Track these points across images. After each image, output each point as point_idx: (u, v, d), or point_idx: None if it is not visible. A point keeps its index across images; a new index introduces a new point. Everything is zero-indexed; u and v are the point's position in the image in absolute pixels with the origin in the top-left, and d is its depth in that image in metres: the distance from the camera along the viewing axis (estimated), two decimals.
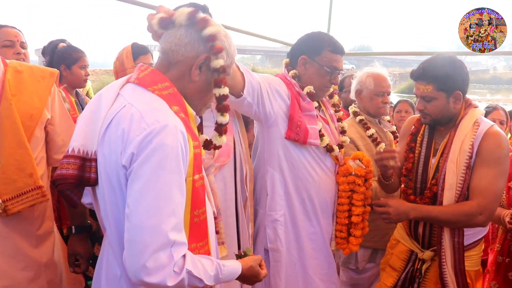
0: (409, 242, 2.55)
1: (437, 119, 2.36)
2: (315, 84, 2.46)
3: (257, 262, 1.69)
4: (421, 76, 2.31)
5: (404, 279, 2.53)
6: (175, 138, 1.33)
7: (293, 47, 2.55)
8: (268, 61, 66.97)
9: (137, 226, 1.28)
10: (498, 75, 59.76)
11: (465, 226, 2.28)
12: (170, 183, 1.30)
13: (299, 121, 2.37)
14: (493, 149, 2.21)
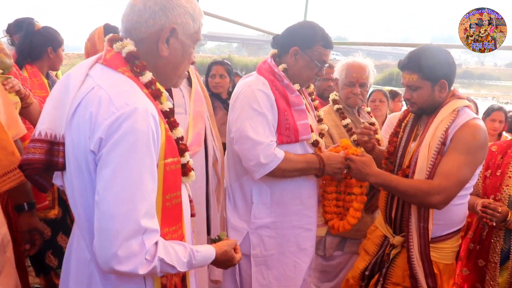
0: (383, 228, 2.60)
1: (423, 108, 2.38)
2: (303, 76, 2.45)
3: (232, 246, 1.67)
4: (406, 65, 2.35)
5: (374, 264, 2.58)
6: (146, 122, 1.28)
7: (283, 36, 2.48)
8: (244, 49, 66.84)
9: (107, 213, 1.24)
10: (470, 70, 60.92)
11: (421, 203, 2.27)
12: (140, 169, 1.26)
13: (287, 123, 2.35)
14: (467, 137, 2.22)
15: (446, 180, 2.19)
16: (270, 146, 2.25)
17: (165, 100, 1.49)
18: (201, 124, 2.22)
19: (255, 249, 2.48)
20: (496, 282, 2.57)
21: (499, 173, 2.62)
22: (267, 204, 2.45)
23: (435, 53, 2.32)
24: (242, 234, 2.48)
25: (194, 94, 2.27)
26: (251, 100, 2.31)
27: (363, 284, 2.62)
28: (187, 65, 1.56)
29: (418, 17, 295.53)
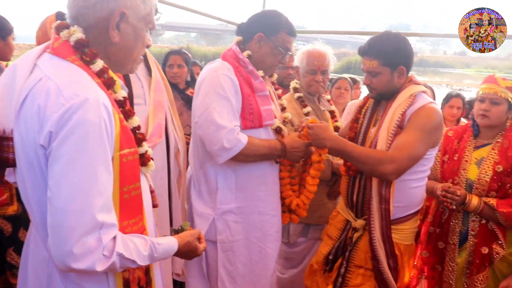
0: (345, 212, 2.66)
1: (382, 93, 2.45)
2: (267, 63, 2.47)
3: (195, 236, 1.64)
4: (367, 52, 2.40)
5: (338, 248, 2.62)
6: (97, 113, 1.22)
7: (248, 23, 2.50)
8: (203, 39, 66.26)
9: (60, 209, 1.19)
10: (425, 58, 62.48)
11: (373, 170, 2.31)
12: (94, 162, 1.21)
13: (251, 108, 2.36)
14: (422, 117, 2.30)
15: (399, 152, 2.25)
16: (233, 131, 2.25)
17: (119, 89, 1.43)
18: (162, 114, 2.18)
19: (221, 235, 2.48)
20: (455, 262, 2.65)
21: (456, 157, 2.68)
22: (232, 189, 2.46)
23: (395, 40, 2.38)
24: (208, 220, 2.47)
25: (154, 83, 2.22)
26: (216, 85, 2.30)
27: (327, 269, 2.66)
28: (141, 49, 1.50)
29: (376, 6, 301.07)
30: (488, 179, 2.54)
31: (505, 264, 2.59)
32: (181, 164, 2.37)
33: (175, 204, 2.35)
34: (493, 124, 2.59)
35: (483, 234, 2.57)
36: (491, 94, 2.56)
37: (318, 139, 2.39)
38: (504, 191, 2.52)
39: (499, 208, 2.46)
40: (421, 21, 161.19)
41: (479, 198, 2.53)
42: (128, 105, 1.46)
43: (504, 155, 2.53)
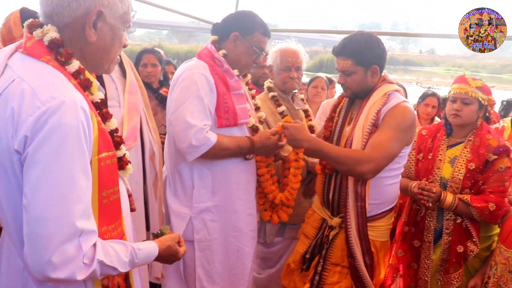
0: (321, 211, 2.69)
1: (356, 92, 2.49)
2: (241, 62, 2.49)
3: (175, 240, 1.61)
4: (341, 51, 2.44)
5: (314, 246, 2.66)
6: (75, 116, 1.18)
7: (223, 22, 2.52)
8: (174, 37, 65.71)
9: (37, 218, 1.14)
10: (395, 56, 63.43)
11: (350, 170, 2.34)
12: (72, 167, 1.17)
13: (226, 106, 2.37)
14: (397, 116, 2.36)
15: (375, 151, 2.29)
16: (202, 130, 2.26)
17: (96, 90, 1.39)
18: (137, 117, 2.14)
19: (198, 234, 2.48)
20: (431, 259, 2.69)
21: (430, 156, 2.72)
22: (208, 188, 2.46)
23: (368, 40, 2.42)
24: (185, 219, 2.46)
25: (128, 85, 2.18)
26: (190, 83, 2.31)
27: (304, 267, 2.69)
28: (118, 49, 1.45)
29: (347, 4, 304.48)
30: (461, 177, 2.59)
31: (477, 260, 2.66)
32: (157, 167, 2.34)
33: (151, 208, 2.31)
34: (465, 123, 2.64)
35: (458, 233, 2.62)
36: (463, 94, 2.61)
37: (294, 140, 2.39)
38: (477, 187, 2.57)
39: (473, 203, 2.51)
40: (391, 20, 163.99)
41: (453, 195, 2.57)
42: (106, 107, 1.43)
43: (476, 153, 2.58)
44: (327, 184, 2.61)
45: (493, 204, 2.49)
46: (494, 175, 2.54)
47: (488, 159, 2.55)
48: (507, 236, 2.50)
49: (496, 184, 2.54)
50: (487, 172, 2.56)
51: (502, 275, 2.48)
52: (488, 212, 2.49)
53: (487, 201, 2.50)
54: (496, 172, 2.54)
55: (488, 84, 2.72)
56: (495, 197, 2.51)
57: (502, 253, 2.49)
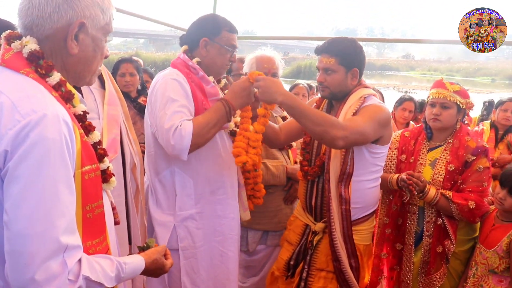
0: (304, 217, 2.71)
1: (334, 92, 2.51)
2: (218, 64, 2.47)
3: (161, 253, 1.58)
4: (326, 49, 2.48)
5: (298, 252, 2.67)
6: (57, 130, 1.15)
7: (190, 31, 2.49)
8: (151, 45, 65.47)
9: (19, 234, 1.10)
10: (371, 61, 64.24)
11: (323, 132, 2.24)
12: (55, 181, 1.14)
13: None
14: (371, 108, 2.40)
15: (350, 122, 2.30)
16: (176, 128, 2.18)
17: (78, 103, 1.37)
18: (116, 129, 2.10)
19: (183, 242, 2.44)
20: (412, 262, 2.72)
21: (412, 160, 2.76)
22: (191, 195, 2.42)
23: (353, 44, 2.51)
24: (169, 228, 2.43)
25: (108, 96, 2.14)
26: (164, 90, 2.28)
27: (289, 274, 2.69)
28: (100, 61, 1.43)
29: (323, 11, 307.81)
30: (441, 178, 2.63)
31: (457, 262, 2.69)
32: (138, 179, 2.31)
33: (133, 220, 2.28)
34: (445, 126, 2.69)
35: (437, 234, 2.66)
36: (441, 99, 2.65)
37: (268, 92, 2.25)
38: (456, 187, 2.62)
39: (454, 198, 2.55)
40: (367, 25, 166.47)
41: (436, 190, 2.60)
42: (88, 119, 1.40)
43: (455, 154, 2.62)
44: (310, 190, 2.63)
45: (473, 202, 2.53)
46: (472, 175, 2.59)
47: (467, 160, 2.60)
48: (486, 236, 2.55)
49: (475, 184, 2.58)
50: (466, 172, 2.60)
51: (482, 275, 2.53)
52: (468, 209, 2.53)
53: (467, 199, 2.54)
54: (474, 172, 2.58)
55: None
56: (475, 195, 2.56)
57: (482, 253, 2.54)
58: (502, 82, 43.94)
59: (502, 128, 4.49)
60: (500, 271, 2.47)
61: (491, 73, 48.54)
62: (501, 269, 2.47)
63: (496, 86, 38.88)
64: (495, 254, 2.48)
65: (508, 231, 2.47)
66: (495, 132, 4.52)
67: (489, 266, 2.50)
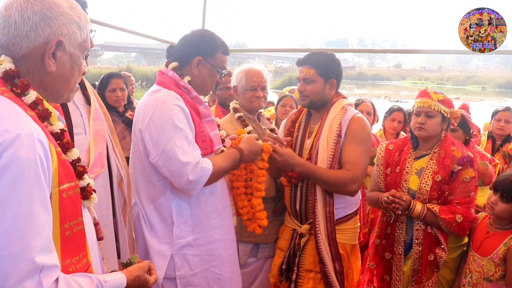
0: (290, 222, 2.87)
1: (314, 101, 2.72)
2: (207, 85, 2.42)
3: (144, 270, 1.56)
4: (307, 61, 2.71)
5: (289, 256, 2.81)
6: (32, 149, 1.14)
7: (183, 47, 2.39)
8: (143, 59, 65.52)
9: None
10: (363, 71, 64.62)
11: (339, 191, 2.62)
12: (29, 202, 1.12)
13: (203, 135, 2.30)
14: (359, 130, 2.65)
15: (356, 170, 2.58)
16: (197, 163, 2.16)
17: (56, 120, 1.36)
18: (103, 143, 2.11)
19: (180, 270, 2.37)
20: (402, 271, 2.73)
21: (398, 170, 2.78)
22: (188, 223, 2.36)
23: (331, 57, 2.73)
24: (166, 257, 2.36)
25: (93, 112, 2.15)
26: (170, 118, 2.18)
27: (283, 279, 2.83)
28: (78, 77, 1.43)
29: (314, 23, 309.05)
30: (428, 188, 2.64)
31: (447, 270, 2.71)
32: (125, 193, 2.30)
33: (121, 234, 2.27)
34: (430, 135, 2.71)
35: (428, 242, 2.67)
36: (426, 108, 2.68)
37: (288, 165, 2.55)
38: (444, 198, 2.63)
39: (441, 214, 2.56)
40: (358, 36, 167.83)
41: (422, 205, 2.63)
42: (67, 137, 1.39)
43: (442, 165, 2.64)
44: (294, 194, 2.79)
45: (460, 215, 2.54)
46: (460, 186, 2.60)
47: (453, 170, 2.61)
48: (479, 244, 2.56)
49: (462, 195, 2.60)
50: (453, 183, 2.62)
51: (477, 283, 2.53)
52: (456, 223, 2.55)
53: (455, 213, 2.56)
54: (461, 182, 2.60)
55: (453, 96, 2.84)
56: (462, 208, 2.57)
57: (476, 261, 2.55)
58: (492, 90, 44.30)
59: (499, 138, 4.53)
60: (496, 279, 2.47)
61: (481, 81, 48.92)
62: (496, 277, 2.47)
63: (486, 94, 39.18)
64: (491, 262, 2.48)
65: (504, 238, 2.48)
66: (492, 142, 4.56)
67: (485, 274, 2.50)
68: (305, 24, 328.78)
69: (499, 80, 46.98)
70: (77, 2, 1.37)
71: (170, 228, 2.35)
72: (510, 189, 2.46)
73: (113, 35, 63.61)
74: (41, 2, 1.28)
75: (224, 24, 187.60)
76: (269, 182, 2.99)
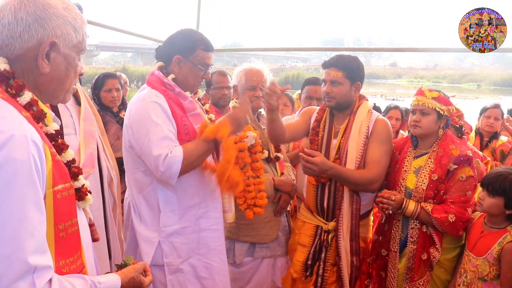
0: (314, 220, 2.97)
1: (340, 103, 2.82)
2: (190, 82, 2.48)
3: (139, 271, 1.55)
4: (334, 64, 2.79)
5: (314, 252, 2.92)
6: (25, 150, 1.13)
7: (164, 47, 2.50)
8: (139, 59, 65.48)
9: None
10: None
11: (364, 189, 2.76)
12: (22, 202, 1.12)
13: (186, 128, 2.38)
14: (383, 130, 2.81)
15: (378, 169, 2.73)
16: (167, 154, 2.23)
17: (51, 121, 1.35)
18: (93, 144, 2.12)
19: (168, 257, 2.45)
20: (396, 268, 2.75)
21: (396, 168, 2.80)
22: (175, 211, 2.43)
23: (357, 61, 2.84)
24: (153, 244, 2.43)
25: (83, 113, 2.16)
26: (145, 114, 2.29)
27: (307, 274, 2.93)
28: (74, 79, 1.41)
29: (310, 23, 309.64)
30: (424, 187, 2.64)
31: (442, 270, 2.69)
32: (115, 194, 2.30)
33: (112, 235, 2.27)
34: (425, 133, 2.72)
35: (422, 241, 2.67)
36: (420, 106, 2.70)
37: (322, 170, 2.65)
38: (439, 197, 2.62)
39: (434, 214, 2.56)
40: (354, 35, 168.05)
41: (416, 203, 2.63)
42: (62, 137, 1.39)
43: (439, 163, 2.64)
44: (321, 192, 2.89)
45: (453, 215, 2.54)
46: (455, 185, 2.59)
47: (449, 169, 2.61)
48: (474, 244, 2.55)
49: (457, 194, 2.59)
50: (448, 181, 2.61)
51: (472, 282, 2.52)
52: (448, 223, 2.54)
53: (448, 212, 2.55)
54: (457, 181, 2.59)
55: (448, 94, 2.82)
56: (456, 207, 2.56)
57: (471, 260, 2.53)
58: (488, 87, 44.50)
59: (487, 135, 4.54)
60: (490, 278, 2.46)
61: (477, 79, 49.15)
62: (491, 276, 2.46)
63: (481, 92, 39.36)
64: (486, 261, 2.47)
65: (498, 238, 2.46)
66: (480, 139, 4.58)
67: (479, 274, 2.49)
68: (301, 24, 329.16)
69: (494, 78, 47.22)
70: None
71: (158, 216, 2.43)
72: (494, 182, 2.45)
73: (109, 35, 63.78)
74: (34, 3, 1.27)
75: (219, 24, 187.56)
76: (267, 183, 3.00)
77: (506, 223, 2.50)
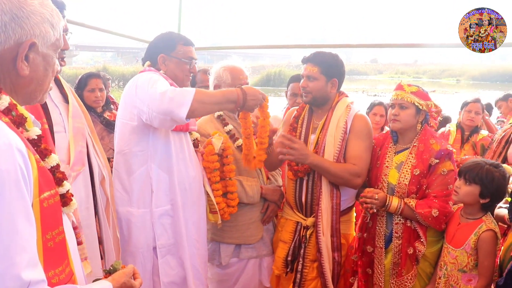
0: (293, 215, 2.99)
1: (315, 98, 2.84)
2: (179, 77, 2.61)
3: (129, 275, 1.50)
4: (311, 59, 2.82)
5: (294, 248, 2.94)
6: (11, 160, 1.06)
7: (148, 50, 2.66)
8: (120, 58, 64.81)
9: None
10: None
11: (345, 183, 2.76)
12: (12, 216, 1.05)
13: None
14: (363, 126, 2.81)
15: (361, 163, 2.75)
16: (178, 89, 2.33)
17: (31, 126, 1.30)
18: (82, 141, 2.11)
19: (160, 239, 2.57)
20: (383, 264, 2.77)
21: (378, 164, 2.82)
22: (166, 191, 2.55)
23: (335, 57, 2.86)
24: (146, 226, 2.56)
25: (72, 110, 2.15)
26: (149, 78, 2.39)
27: (288, 270, 2.96)
28: (51, 78, 1.34)
29: (289, 24, 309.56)
30: (407, 182, 2.68)
31: (427, 264, 2.72)
32: (108, 192, 2.29)
33: (105, 234, 2.26)
34: (404, 127, 2.75)
35: (407, 236, 2.70)
36: (399, 100, 2.73)
37: (302, 155, 2.67)
38: (422, 192, 2.66)
39: (417, 209, 2.60)
40: (332, 35, 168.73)
41: (399, 199, 2.66)
42: (44, 142, 1.34)
43: (421, 158, 2.67)
44: (299, 188, 2.91)
45: (436, 210, 2.58)
46: (437, 179, 2.64)
47: (431, 163, 2.64)
48: (453, 236, 2.59)
49: (439, 188, 2.63)
50: (430, 176, 2.65)
51: (452, 275, 2.55)
52: (432, 218, 2.58)
53: (431, 207, 2.59)
54: (439, 176, 2.63)
55: (428, 89, 2.86)
56: (439, 202, 2.60)
57: (450, 252, 2.57)
58: (467, 82, 45.01)
59: (468, 129, 4.62)
60: (469, 269, 2.50)
61: (456, 74, 49.61)
62: (469, 267, 2.49)
63: (461, 87, 39.78)
64: (464, 252, 2.50)
65: (474, 228, 2.50)
66: (461, 133, 4.65)
67: (459, 265, 2.52)
68: (294, 24, 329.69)
69: (473, 73, 47.72)
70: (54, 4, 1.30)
71: (150, 196, 2.54)
72: (471, 170, 2.49)
73: (89, 35, 62.94)
74: (9, 0, 1.17)
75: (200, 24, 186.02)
76: (255, 189, 3.02)
77: (481, 213, 2.54)
